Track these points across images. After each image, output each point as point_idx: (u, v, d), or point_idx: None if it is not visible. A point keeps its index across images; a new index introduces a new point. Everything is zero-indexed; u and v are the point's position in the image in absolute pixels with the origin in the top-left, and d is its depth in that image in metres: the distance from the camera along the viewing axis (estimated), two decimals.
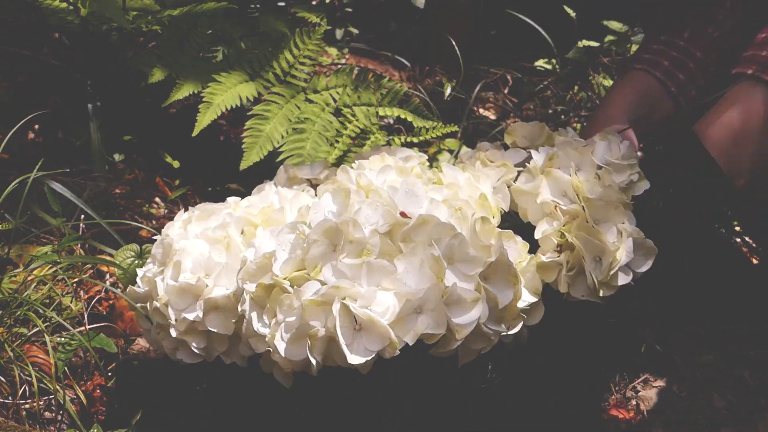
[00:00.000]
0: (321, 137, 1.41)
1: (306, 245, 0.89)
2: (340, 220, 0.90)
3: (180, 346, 0.98)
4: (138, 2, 1.50)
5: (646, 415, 1.25)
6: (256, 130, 1.40)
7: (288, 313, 0.87)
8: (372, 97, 1.48)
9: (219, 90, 1.43)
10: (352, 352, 0.84)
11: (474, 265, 0.90)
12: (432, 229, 0.90)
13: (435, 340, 0.86)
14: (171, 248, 1.00)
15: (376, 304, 0.85)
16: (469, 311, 0.87)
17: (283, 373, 0.91)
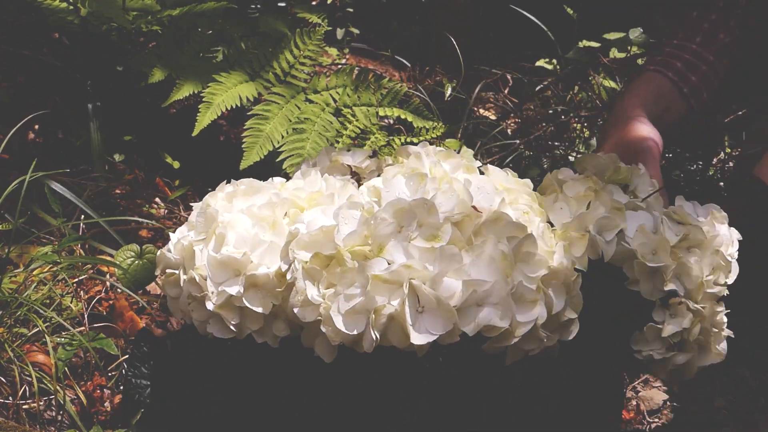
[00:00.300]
0: (321, 137, 1.41)
1: (374, 222, 0.89)
2: (414, 202, 0.90)
3: (212, 319, 0.96)
4: (138, 2, 1.50)
5: (646, 415, 1.26)
6: (256, 130, 1.40)
7: (347, 285, 0.87)
8: (372, 98, 1.48)
9: (219, 90, 1.43)
10: (416, 331, 0.84)
11: (538, 268, 0.91)
12: (503, 227, 0.91)
13: (497, 333, 0.87)
14: (214, 220, 0.98)
15: (442, 289, 0.85)
16: (530, 311, 0.88)
17: (327, 347, 0.90)
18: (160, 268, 1.03)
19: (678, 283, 0.97)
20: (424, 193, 0.93)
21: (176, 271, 1.00)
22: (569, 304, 0.94)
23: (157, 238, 1.47)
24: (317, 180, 1.03)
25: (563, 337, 0.94)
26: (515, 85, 2.04)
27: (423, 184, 0.94)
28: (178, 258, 1.00)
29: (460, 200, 0.91)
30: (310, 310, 0.89)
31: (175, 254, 1.01)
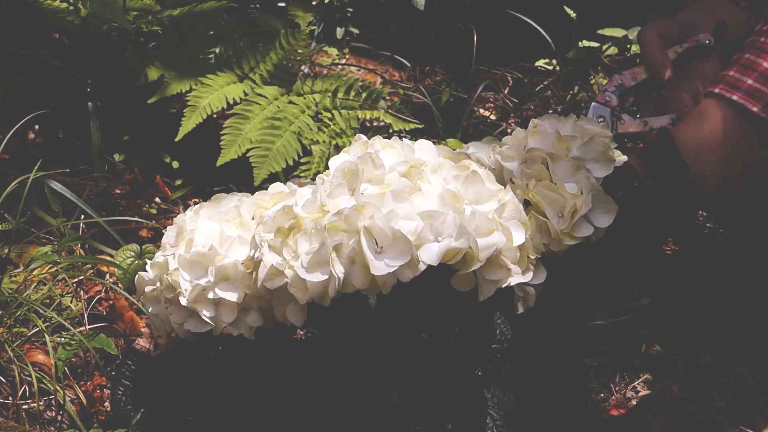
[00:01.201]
0: (294, 137, 1.41)
1: (326, 188, 0.93)
2: (359, 158, 0.94)
3: (189, 317, 0.99)
4: (138, 2, 1.51)
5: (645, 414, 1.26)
6: (235, 129, 1.41)
7: (306, 245, 0.90)
8: (352, 101, 1.48)
9: (205, 93, 1.43)
10: (376, 262, 0.86)
11: (489, 203, 0.94)
12: (448, 170, 0.95)
13: (459, 257, 0.89)
14: (183, 230, 1.03)
15: (397, 226, 0.88)
16: (488, 237, 0.91)
17: (297, 309, 0.93)
18: (139, 291, 1.06)
19: None
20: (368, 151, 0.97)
21: (154, 287, 1.03)
22: (531, 245, 0.97)
23: (157, 238, 1.48)
24: (279, 185, 1.08)
25: (533, 279, 0.96)
26: (515, 85, 2.04)
27: (365, 148, 0.99)
28: (155, 274, 1.04)
29: (403, 154, 0.97)
30: (278, 278, 0.92)
31: (151, 273, 1.05)
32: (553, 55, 2.00)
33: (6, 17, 1.63)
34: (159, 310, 1.03)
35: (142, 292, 1.05)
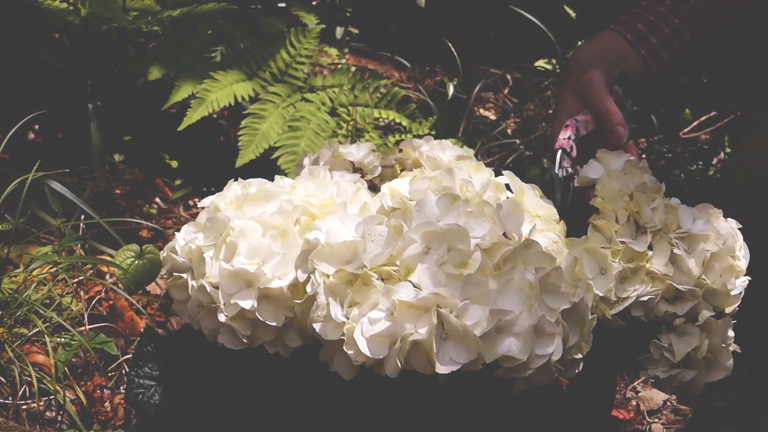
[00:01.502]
0: (316, 136, 1.41)
1: (401, 243, 0.89)
2: (447, 227, 0.89)
3: (223, 329, 0.96)
4: (138, 2, 1.51)
5: (646, 415, 1.26)
6: (252, 129, 1.41)
7: (372, 307, 0.86)
8: (368, 99, 1.48)
9: (214, 88, 1.43)
10: (440, 362, 0.84)
11: (561, 302, 0.90)
12: (532, 255, 0.90)
13: (514, 364, 0.86)
14: (225, 226, 0.97)
15: (468, 317, 0.85)
16: (547, 344, 0.87)
17: (347, 365, 0.89)
18: (166, 269, 1.02)
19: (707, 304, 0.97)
20: (456, 217, 0.92)
21: (184, 275, 0.99)
22: (580, 342, 0.93)
23: (157, 239, 1.48)
24: (328, 184, 1.02)
25: (568, 374, 0.93)
26: (515, 85, 2.04)
27: (455, 207, 0.93)
28: (186, 261, 0.99)
29: (491, 228, 0.90)
30: (332, 328, 0.88)
31: (182, 256, 1.00)
32: (553, 55, 2.00)
33: (6, 17, 1.63)
34: (187, 301, 0.99)
35: (169, 273, 1.02)
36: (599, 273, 0.99)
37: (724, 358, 0.98)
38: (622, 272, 0.97)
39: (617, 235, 0.99)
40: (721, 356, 0.97)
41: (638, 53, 1.21)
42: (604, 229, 1.01)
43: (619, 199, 1.02)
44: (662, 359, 0.97)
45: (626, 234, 0.99)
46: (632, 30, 1.23)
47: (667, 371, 0.96)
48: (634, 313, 0.97)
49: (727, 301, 0.99)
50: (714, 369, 0.98)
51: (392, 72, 2.13)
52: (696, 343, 0.95)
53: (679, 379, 0.96)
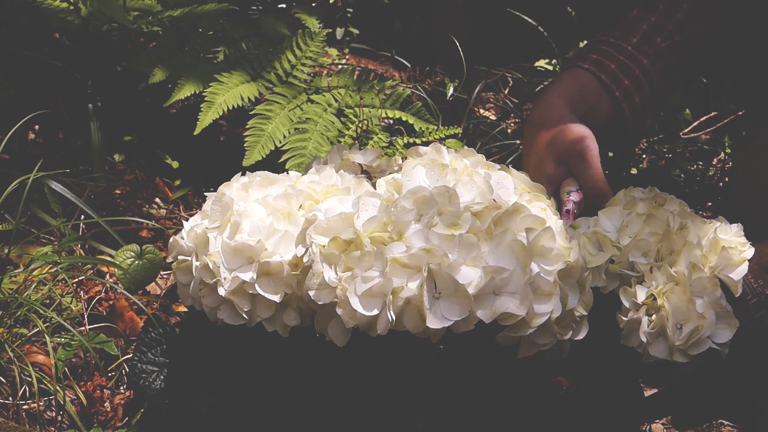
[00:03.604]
0: (323, 137, 1.42)
1: (394, 209, 0.90)
2: (436, 189, 0.91)
3: (223, 305, 0.97)
4: (139, 2, 1.51)
5: None
6: (258, 130, 1.41)
7: (365, 269, 0.88)
8: (375, 99, 1.48)
9: (221, 90, 1.43)
10: (431, 317, 0.85)
11: (555, 262, 0.92)
12: (522, 219, 0.93)
13: (513, 321, 0.87)
14: (229, 208, 0.99)
15: (460, 276, 0.86)
16: (546, 302, 0.89)
17: (341, 330, 0.91)
18: (173, 255, 1.04)
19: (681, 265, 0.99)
20: (445, 182, 0.94)
21: (188, 258, 1.01)
22: (581, 301, 0.95)
23: (157, 239, 1.48)
24: (332, 175, 1.04)
25: (574, 335, 0.94)
26: (515, 85, 2.04)
27: (444, 174, 0.95)
28: (191, 245, 1.01)
29: (480, 191, 0.93)
30: (326, 293, 0.89)
31: (188, 241, 1.01)
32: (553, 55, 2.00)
33: (6, 17, 1.63)
34: (190, 283, 1.00)
35: (174, 258, 1.03)
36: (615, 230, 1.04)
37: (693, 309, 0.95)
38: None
39: None
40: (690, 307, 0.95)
41: (612, 96, 1.17)
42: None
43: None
44: (631, 306, 0.97)
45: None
46: (605, 70, 1.17)
47: (632, 315, 0.97)
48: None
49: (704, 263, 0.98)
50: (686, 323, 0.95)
51: (392, 72, 2.13)
52: (661, 286, 0.96)
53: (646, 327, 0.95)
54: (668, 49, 1.20)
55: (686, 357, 0.95)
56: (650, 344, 0.96)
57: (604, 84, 1.17)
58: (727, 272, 0.99)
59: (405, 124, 1.53)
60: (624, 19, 1.24)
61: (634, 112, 1.19)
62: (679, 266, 0.97)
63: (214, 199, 1.02)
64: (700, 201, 1.65)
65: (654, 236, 1.00)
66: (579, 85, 1.18)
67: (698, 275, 0.96)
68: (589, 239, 1.03)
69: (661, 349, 0.96)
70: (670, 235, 0.99)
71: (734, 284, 0.99)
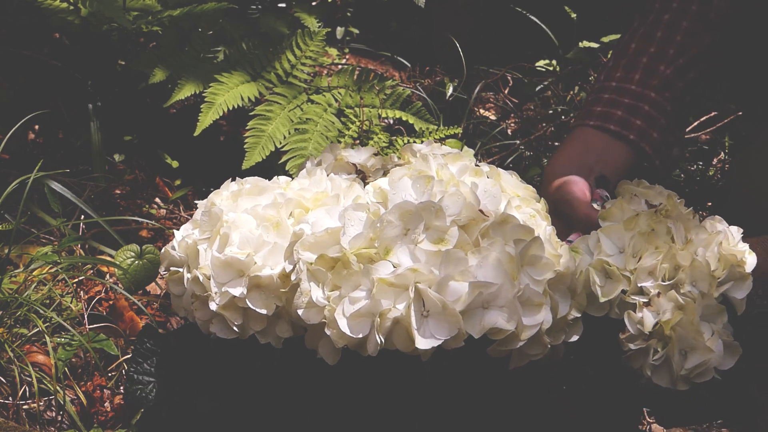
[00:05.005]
0: (323, 137, 1.42)
1: (380, 225, 0.89)
2: (421, 205, 0.90)
3: (215, 319, 0.97)
4: (139, 2, 1.50)
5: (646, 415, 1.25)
6: (258, 130, 1.41)
7: (352, 288, 0.87)
8: (375, 99, 1.48)
9: (221, 90, 1.43)
10: (420, 336, 0.84)
11: (544, 271, 0.91)
12: (510, 229, 0.91)
13: (502, 336, 0.87)
14: (219, 219, 0.99)
15: (448, 293, 0.85)
16: (535, 314, 0.88)
17: (331, 349, 0.90)
18: (164, 265, 1.03)
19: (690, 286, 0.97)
20: (431, 195, 0.93)
21: (180, 269, 1.00)
22: (574, 304, 0.94)
23: (157, 239, 1.47)
24: (322, 180, 1.03)
25: (567, 338, 0.94)
26: (515, 85, 2.04)
27: (429, 187, 0.94)
28: (183, 256, 1.01)
29: (467, 203, 0.91)
30: (315, 312, 0.89)
31: (179, 252, 1.01)
32: (553, 56, 2.00)
33: (6, 17, 1.63)
34: (183, 295, 0.99)
35: (167, 268, 1.03)
36: (618, 252, 1.01)
37: (701, 341, 0.94)
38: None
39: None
40: (698, 338, 0.94)
41: (626, 141, 1.16)
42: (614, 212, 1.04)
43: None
44: (637, 333, 0.96)
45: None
46: (612, 120, 1.17)
47: (639, 344, 0.95)
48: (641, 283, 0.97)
49: (712, 283, 0.97)
50: (693, 353, 0.95)
51: (392, 72, 2.13)
52: (668, 316, 0.94)
53: (653, 357, 0.94)
54: (674, 74, 1.18)
55: (689, 385, 0.95)
56: (654, 374, 0.96)
57: (613, 134, 1.16)
58: (733, 292, 0.98)
59: (405, 124, 1.53)
60: (622, 56, 1.23)
61: (655, 147, 1.18)
62: (686, 287, 0.96)
63: (204, 208, 1.02)
64: (700, 201, 1.65)
65: (658, 253, 0.98)
66: (582, 143, 1.18)
67: (707, 303, 0.96)
68: (596, 269, 1.00)
69: (664, 379, 0.96)
70: (674, 252, 0.98)
71: (739, 303, 0.98)
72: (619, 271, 0.99)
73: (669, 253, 0.98)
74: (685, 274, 0.97)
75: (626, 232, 1.01)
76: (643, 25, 1.23)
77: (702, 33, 1.19)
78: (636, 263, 0.98)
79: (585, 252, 1.03)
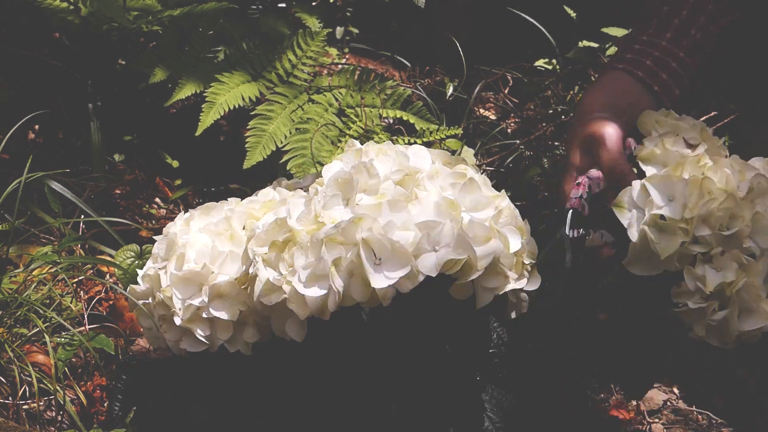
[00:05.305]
0: (324, 137, 1.42)
1: (320, 199, 0.92)
2: (353, 168, 0.93)
3: (184, 335, 0.98)
4: (139, 2, 1.51)
5: (646, 415, 1.26)
6: (259, 130, 1.41)
7: (305, 260, 0.89)
8: (376, 99, 1.48)
9: (222, 90, 1.43)
10: (375, 277, 0.86)
11: (486, 210, 0.93)
12: (444, 178, 0.94)
13: (458, 267, 0.88)
14: (174, 243, 1.01)
15: (395, 237, 0.87)
16: (486, 245, 0.90)
17: (297, 325, 0.92)
18: (132, 304, 1.05)
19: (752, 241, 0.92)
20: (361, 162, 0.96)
21: (147, 301, 1.02)
22: (526, 250, 0.96)
23: None
24: (270, 192, 1.06)
25: (527, 285, 0.95)
26: (515, 85, 2.04)
27: (359, 157, 0.97)
28: (147, 287, 1.03)
29: (397, 162, 0.95)
30: (275, 294, 0.91)
31: (143, 285, 1.03)
32: (553, 55, 2.00)
33: (6, 17, 1.63)
34: (152, 326, 1.02)
35: (134, 305, 1.04)
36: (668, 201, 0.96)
37: (761, 305, 0.91)
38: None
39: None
40: (758, 302, 0.91)
41: (651, 91, 1.17)
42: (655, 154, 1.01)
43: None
44: (696, 290, 0.92)
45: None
46: (641, 67, 1.18)
47: (698, 302, 0.91)
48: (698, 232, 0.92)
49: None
50: (750, 315, 0.91)
51: (392, 71, 2.13)
52: (732, 277, 0.90)
53: (710, 316, 0.91)
54: (703, 40, 1.21)
55: (737, 346, 0.92)
56: (708, 333, 0.92)
57: (641, 80, 1.18)
58: None
59: (406, 123, 1.53)
60: (655, 16, 1.25)
61: (675, 103, 1.19)
62: (748, 243, 0.92)
63: (159, 239, 1.04)
64: None
65: (713, 201, 0.92)
66: (616, 86, 1.19)
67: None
68: (650, 225, 0.94)
69: (715, 339, 0.93)
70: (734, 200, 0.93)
71: None
72: (678, 225, 0.93)
73: (726, 201, 0.93)
74: (745, 227, 0.92)
75: (675, 180, 0.96)
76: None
77: (731, 7, 1.22)
78: (691, 212, 0.93)
79: (629, 205, 0.97)
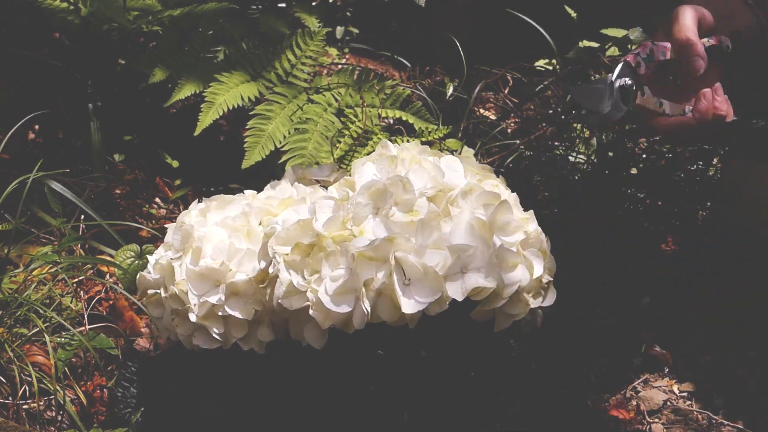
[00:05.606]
0: (323, 137, 1.42)
1: (350, 206, 0.91)
2: (389, 180, 0.92)
3: (197, 331, 0.98)
4: (139, 2, 1.51)
5: (646, 415, 1.26)
6: (258, 130, 1.41)
7: (333, 268, 0.89)
8: (375, 99, 1.48)
9: (221, 90, 1.43)
10: (405, 301, 0.86)
11: (515, 232, 0.94)
12: (477, 196, 0.94)
13: (485, 295, 0.89)
14: (190, 235, 1.00)
15: (427, 259, 0.87)
16: (513, 272, 0.91)
17: (317, 332, 0.91)
18: (141, 290, 1.04)
19: None
20: (396, 173, 0.95)
21: (158, 291, 1.01)
22: (546, 268, 0.96)
23: (157, 239, 1.48)
24: (287, 188, 1.05)
25: (544, 302, 0.96)
26: (515, 85, 2.04)
27: (393, 166, 0.97)
28: (158, 277, 1.02)
29: (431, 176, 0.95)
30: (297, 298, 0.90)
31: (154, 274, 1.02)
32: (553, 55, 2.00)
33: (6, 17, 1.63)
34: (162, 315, 1.01)
35: (144, 294, 1.04)
36: None
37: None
38: None
39: None
40: None
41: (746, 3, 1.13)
42: None
43: None
44: None
45: None
46: None
47: None
48: None
49: None
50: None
51: (392, 72, 2.13)
52: None
53: None
54: None
55: None
56: None
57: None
58: None
59: (405, 123, 1.53)
60: None
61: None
62: None
63: (174, 229, 1.03)
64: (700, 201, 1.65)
65: None
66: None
67: None
68: None
69: None
70: None
71: None
72: None
73: None
74: None
75: None
76: None
77: None
78: None
79: None
